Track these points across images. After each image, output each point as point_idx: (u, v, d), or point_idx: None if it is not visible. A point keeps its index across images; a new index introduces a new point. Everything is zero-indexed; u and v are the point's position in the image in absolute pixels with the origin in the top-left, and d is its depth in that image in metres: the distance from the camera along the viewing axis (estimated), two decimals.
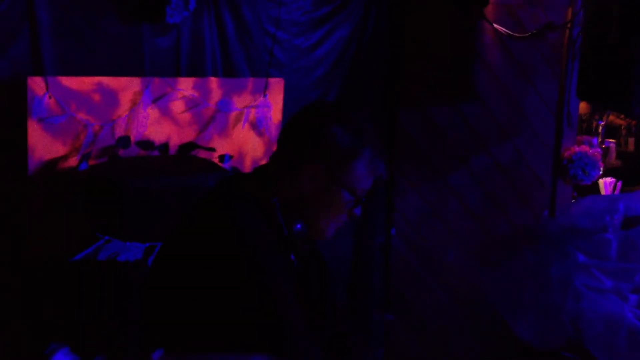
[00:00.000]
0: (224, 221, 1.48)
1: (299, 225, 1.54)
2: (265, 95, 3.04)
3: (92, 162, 2.67)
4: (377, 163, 1.57)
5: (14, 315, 2.62)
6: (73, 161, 2.66)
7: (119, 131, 2.74)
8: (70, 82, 2.63)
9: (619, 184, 4.00)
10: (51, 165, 2.65)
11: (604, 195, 3.26)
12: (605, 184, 3.97)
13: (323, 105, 1.58)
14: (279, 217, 1.52)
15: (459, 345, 3.76)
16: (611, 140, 6.20)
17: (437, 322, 3.79)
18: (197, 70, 2.95)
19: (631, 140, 6.70)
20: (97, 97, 2.70)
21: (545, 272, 2.29)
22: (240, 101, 3.00)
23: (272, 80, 3.06)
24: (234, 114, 2.99)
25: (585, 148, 3.66)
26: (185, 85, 2.87)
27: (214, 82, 2.94)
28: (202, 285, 1.45)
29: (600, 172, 3.70)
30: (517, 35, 3.57)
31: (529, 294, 2.36)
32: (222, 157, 2.88)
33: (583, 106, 6.21)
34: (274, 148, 3.13)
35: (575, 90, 3.25)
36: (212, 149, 2.87)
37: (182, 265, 1.49)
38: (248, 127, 3.03)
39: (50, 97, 2.59)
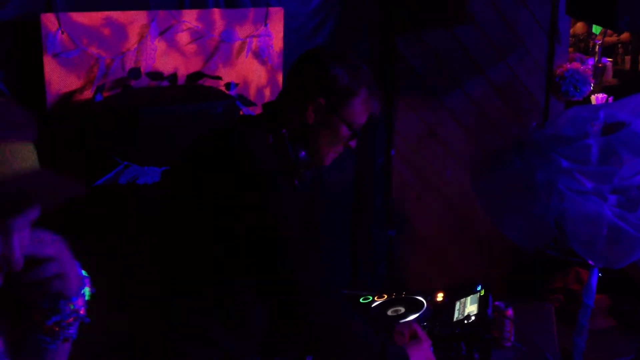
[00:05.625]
0: (240, 156, 1.68)
1: (303, 153, 1.75)
2: (266, 25, 3.16)
3: (106, 93, 2.83)
4: (372, 102, 1.79)
5: None
6: (88, 93, 2.82)
7: (129, 63, 2.89)
8: (81, 17, 2.77)
9: (610, 99, 4.12)
10: (68, 98, 2.81)
11: (587, 106, 3.40)
12: (597, 99, 4.10)
13: (324, 48, 1.82)
14: (287, 145, 1.73)
15: (456, 256, 4.00)
16: (608, 59, 6.28)
17: (435, 235, 4.01)
18: (199, 3, 3.07)
19: (627, 59, 6.77)
20: (106, 31, 2.84)
21: (531, 178, 2.46)
22: (242, 31, 3.13)
23: (272, 9, 3.17)
24: (237, 43, 3.12)
25: (576, 65, 3.78)
26: (190, 17, 2.99)
27: (216, 13, 3.06)
28: (220, 211, 1.64)
29: (591, 88, 3.83)
30: None
31: (517, 198, 2.52)
32: (228, 85, 3.03)
33: (580, 26, 6.25)
34: (278, 75, 3.29)
35: (564, 8, 3.35)
36: (218, 77, 3.01)
37: (203, 195, 1.68)
38: (251, 56, 3.17)
39: (62, 33, 2.73)
